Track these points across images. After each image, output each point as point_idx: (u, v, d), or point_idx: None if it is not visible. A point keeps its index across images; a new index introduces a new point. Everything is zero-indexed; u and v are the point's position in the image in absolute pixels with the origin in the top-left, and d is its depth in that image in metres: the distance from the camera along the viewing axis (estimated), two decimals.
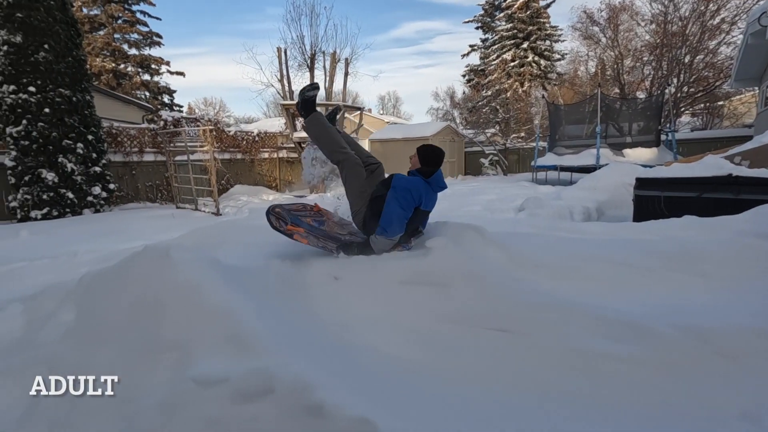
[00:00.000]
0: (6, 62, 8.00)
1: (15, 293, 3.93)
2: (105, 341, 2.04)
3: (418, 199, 2.79)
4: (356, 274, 2.63)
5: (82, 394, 1.88)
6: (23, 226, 6.81)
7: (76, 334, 2.19)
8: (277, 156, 14.85)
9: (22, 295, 3.14)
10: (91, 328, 2.17)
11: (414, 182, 2.82)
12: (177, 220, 7.95)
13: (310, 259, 2.92)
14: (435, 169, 2.97)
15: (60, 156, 8.44)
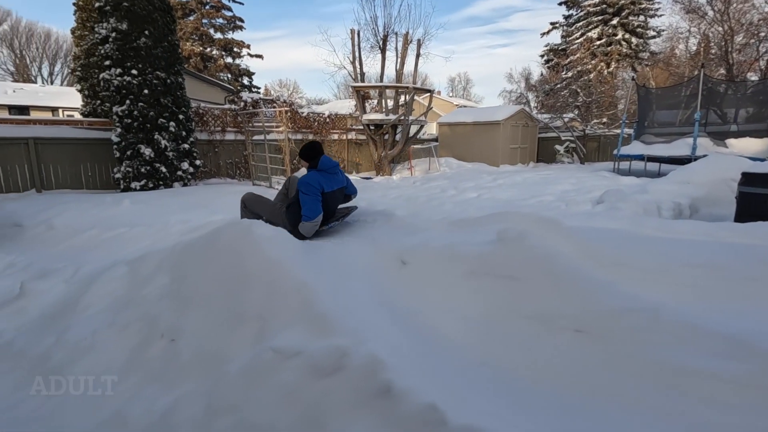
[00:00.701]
0: (114, 47, 8.91)
1: (119, 256, 4.47)
2: (195, 305, 2.25)
3: (317, 184, 3.48)
4: (424, 259, 2.63)
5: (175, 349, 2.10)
6: (125, 196, 7.66)
7: (171, 297, 2.43)
8: (346, 138, 15.16)
9: (124, 258, 3.55)
10: (183, 292, 2.40)
11: (308, 176, 3.56)
12: None
13: (379, 241, 2.97)
14: (316, 159, 3.64)
15: (156, 133, 9.31)
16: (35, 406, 2.02)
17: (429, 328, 2.09)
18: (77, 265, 3.39)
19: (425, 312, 2.22)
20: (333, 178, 3.68)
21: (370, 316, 1.98)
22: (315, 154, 3.67)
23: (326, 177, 3.61)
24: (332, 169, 3.68)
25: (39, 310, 2.92)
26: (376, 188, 9.74)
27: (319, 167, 3.62)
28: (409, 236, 3.25)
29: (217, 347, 1.94)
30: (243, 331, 1.92)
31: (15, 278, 3.31)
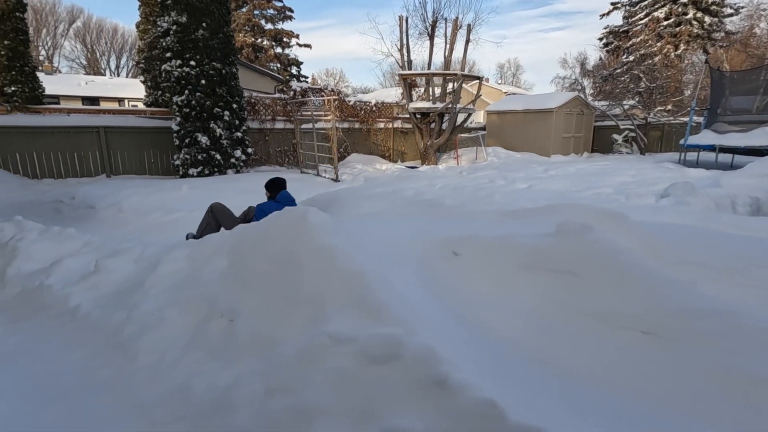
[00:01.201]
0: (174, 40, 9.38)
1: (180, 238, 4.74)
2: (252, 288, 2.33)
3: (270, 212, 3.96)
4: (476, 251, 2.57)
5: (234, 329, 2.19)
6: (184, 182, 8.11)
7: (229, 279, 2.54)
8: (392, 126, 15.11)
9: (186, 241, 3.76)
10: (240, 275, 2.50)
11: (265, 204, 4.15)
12: (302, 183, 8.69)
13: (428, 230, 2.93)
14: (277, 192, 4.31)
15: (211, 122, 9.75)
16: (110, 375, 2.19)
17: (481, 321, 2.04)
18: (144, 246, 3.62)
19: (477, 305, 2.17)
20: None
21: (422, 306, 1.96)
22: (277, 188, 4.37)
23: (280, 208, 4.02)
24: (288, 203, 4.20)
25: (112, 286, 3.15)
26: (422, 177, 9.66)
27: (276, 199, 4.25)
28: (459, 226, 3.19)
29: (272, 329, 2.01)
30: (297, 313, 1.97)
31: (91, 256, 3.60)
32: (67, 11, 39.01)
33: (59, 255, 3.69)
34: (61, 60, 39.40)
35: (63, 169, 9.85)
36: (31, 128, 9.47)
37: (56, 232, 4.08)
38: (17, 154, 9.36)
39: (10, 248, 3.72)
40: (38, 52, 35.38)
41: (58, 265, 3.41)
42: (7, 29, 12.35)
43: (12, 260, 3.58)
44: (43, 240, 3.89)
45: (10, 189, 8.40)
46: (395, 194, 5.85)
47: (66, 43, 39.65)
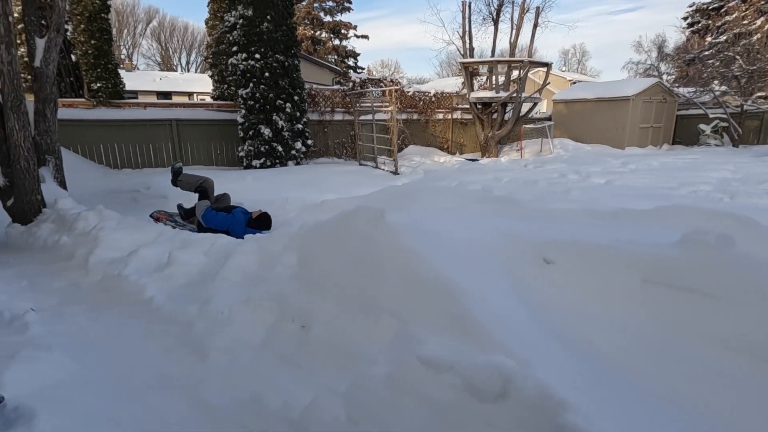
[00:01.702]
0: (240, 34, 9.59)
1: (249, 232, 4.76)
2: (325, 292, 2.16)
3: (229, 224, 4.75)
4: (576, 260, 2.22)
5: (307, 336, 2.03)
6: (248, 173, 8.30)
7: (300, 279, 2.40)
8: (451, 117, 14.62)
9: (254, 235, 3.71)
10: (312, 276, 2.34)
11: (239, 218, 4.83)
12: (361, 176, 8.59)
13: (511, 232, 2.61)
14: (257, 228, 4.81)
15: (274, 114, 9.91)
16: (182, 374, 2.13)
17: (592, 347, 1.72)
18: (213, 238, 3.62)
19: (583, 326, 1.85)
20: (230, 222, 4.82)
21: (523, 326, 1.68)
22: (264, 226, 4.89)
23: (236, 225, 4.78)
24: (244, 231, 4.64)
25: (183, 278, 3.15)
26: (486, 171, 9.19)
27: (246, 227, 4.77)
28: (545, 228, 2.84)
29: (350, 341, 1.82)
30: (378, 326, 1.76)
31: (164, 247, 3.66)
32: (145, 12, 41.96)
33: (136, 245, 3.79)
34: (139, 58, 42.53)
35: (140, 159, 10.48)
36: (113, 121, 10.14)
37: (133, 221, 4.22)
38: (101, 145, 10.07)
39: (93, 237, 3.88)
40: (120, 51, 38.39)
41: (135, 255, 3.49)
42: (93, 29, 13.35)
43: (94, 248, 3.73)
44: (121, 229, 4.03)
45: (95, 177, 9.05)
46: (462, 189, 5.51)
47: (143, 42, 42.71)
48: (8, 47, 4.11)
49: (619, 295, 1.98)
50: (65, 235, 4.12)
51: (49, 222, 4.51)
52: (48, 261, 3.91)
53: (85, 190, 7.97)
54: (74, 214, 4.40)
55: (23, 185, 4.51)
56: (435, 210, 3.46)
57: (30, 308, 2.83)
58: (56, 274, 3.62)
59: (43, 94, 4.88)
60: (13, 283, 3.41)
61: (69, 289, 3.35)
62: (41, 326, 2.55)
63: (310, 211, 5.14)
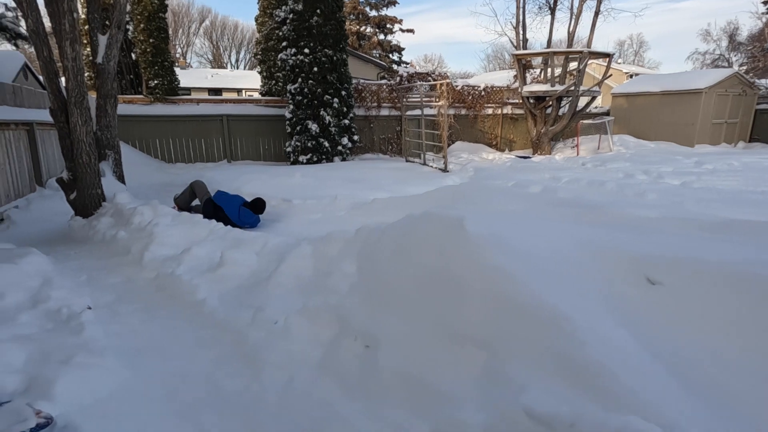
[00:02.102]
0: (290, 28, 9.56)
1: (299, 227, 4.62)
2: (391, 309, 1.92)
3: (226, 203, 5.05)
4: (688, 281, 1.85)
5: (373, 359, 1.80)
6: (296, 169, 8.23)
7: (361, 292, 2.17)
8: (501, 112, 14.01)
9: (308, 234, 3.54)
10: (375, 289, 2.11)
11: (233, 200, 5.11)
12: (409, 173, 8.32)
13: (596, 242, 2.25)
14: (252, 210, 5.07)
15: (321, 110, 9.83)
16: (236, 389, 1.96)
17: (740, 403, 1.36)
18: (265, 238, 3.50)
19: (720, 372, 1.48)
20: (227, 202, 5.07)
21: (649, 370, 1.35)
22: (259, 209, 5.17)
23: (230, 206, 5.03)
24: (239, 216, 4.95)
25: (235, 280, 3.03)
26: (541, 169, 8.64)
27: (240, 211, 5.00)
28: (637, 239, 2.44)
29: (426, 371, 1.56)
30: (462, 358, 1.50)
31: (216, 245, 3.58)
32: (198, 12, 43.67)
33: (188, 242, 3.74)
34: (192, 56, 44.37)
35: (192, 154, 10.77)
36: (168, 117, 10.46)
37: (186, 217, 4.19)
38: (157, 140, 10.43)
39: (147, 233, 3.87)
40: (175, 50, 40.20)
41: (188, 253, 3.42)
42: (152, 29, 13.90)
43: (149, 244, 3.71)
44: (175, 225, 4.00)
45: (151, 171, 9.36)
46: (522, 189, 5.11)
47: (196, 41, 44.51)
48: (72, 43, 4.18)
49: (754, 329, 1.59)
50: (122, 230, 4.15)
51: (107, 216, 4.59)
52: (106, 255, 3.94)
53: (142, 183, 8.24)
54: (131, 209, 4.44)
55: (84, 179, 4.61)
56: (502, 214, 3.13)
57: (87, 306, 2.80)
58: (113, 269, 3.63)
59: (104, 90, 4.98)
60: (73, 277, 3.44)
61: (124, 285, 3.33)
62: (96, 327, 2.49)
63: (361, 211, 4.95)
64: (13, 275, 2.97)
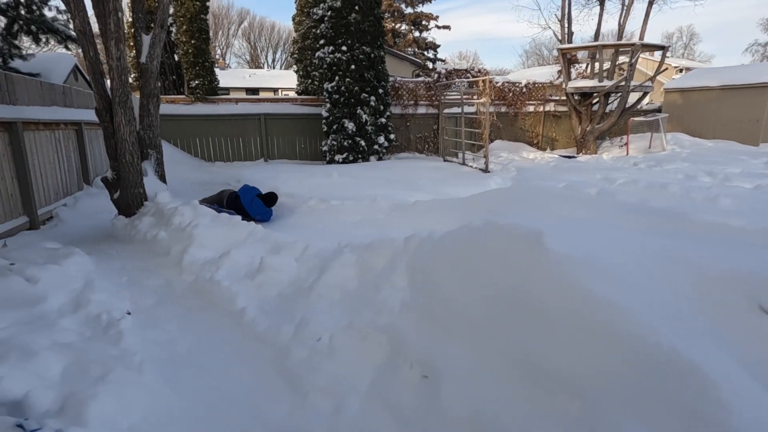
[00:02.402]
0: (328, 26, 9.45)
1: (340, 233, 4.43)
2: (454, 332, 1.68)
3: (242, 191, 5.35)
4: None
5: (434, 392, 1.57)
6: (332, 169, 8.10)
7: (416, 309, 1.94)
8: (543, 109, 13.40)
9: (350, 239, 3.34)
10: (433, 307, 1.87)
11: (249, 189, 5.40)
12: (448, 173, 8.02)
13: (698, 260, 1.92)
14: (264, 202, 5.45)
15: (358, 108, 9.67)
16: (279, 417, 1.78)
17: None
18: (305, 242, 3.33)
19: None
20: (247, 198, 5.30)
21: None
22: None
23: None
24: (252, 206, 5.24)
25: (275, 287, 2.88)
26: (589, 169, 8.11)
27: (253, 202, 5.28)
28: (738, 256, 2.08)
29: (500, 415, 1.31)
30: (545, 402, 1.24)
31: (255, 248, 3.45)
32: (237, 13, 44.76)
33: (227, 245, 3.64)
34: (231, 57, 45.54)
35: (231, 153, 10.89)
36: (208, 116, 10.63)
37: (225, 219, 4.10)
38: (197, 138, 10.61)
39: (187, 234, 3.80)
40: (214, 51, 41.39)
41: (227, 257, 3.30)
42: (193, 30, 14.20)
43: (188, 246, 3.63)
44: (214, 227, 3.91)
45: (191, 169, 9.52)
46: (574, 191, 4.73)
47: (235, 42, 45.65)
48: (117, 43, 4.18)
49: None
50: (162, 230, 4.11)
51: (149, 215, 4.58)
52: (146, 256, 3.91)
53: (183, 180, 8.37)
54: (171, 209, 4.41)
55: (128, 179, 4.63)
56: (574, 224, 2.81)
57: (126, 311, 2.73)
58: (153, 271, 3.58)
59: (147, 90, 4.99)
60: (114, 279, 3.41)
61: (164, 288, 3.26)
62: (134, 335, 2.39)
63: (402, 213, 4.73)
64: (57, 276, 2.95)
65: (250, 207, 5.19)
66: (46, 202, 5.15)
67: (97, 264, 3.70)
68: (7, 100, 4.39)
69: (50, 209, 5.18)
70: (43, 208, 5.00)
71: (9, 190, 4.37)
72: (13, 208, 4.42)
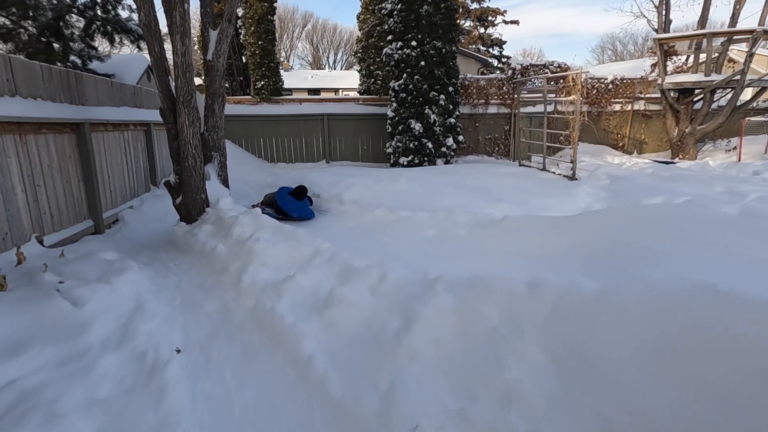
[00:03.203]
0: (397, 20, 8.88)
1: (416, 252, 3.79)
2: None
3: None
4: None
5: None
6: (400, 173, 7.50)
7: (580, 421, 1.25)
8: (630, 108, 11.92)
9: (425, 258, 2.71)
10: (614, 424, 1.18)
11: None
12: (528, 180, 7.12)
13: None
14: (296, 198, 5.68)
15: (426, 107, 9.02)
16: None
17: None
18: (381, 268, 2.76)
19: None
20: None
21: None
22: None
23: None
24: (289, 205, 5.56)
25: (349, 328, 2.32)
26: (701, 179, 6.82)
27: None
28: None
29: None
30: None
31: (322, 273, 2.93)
32: (301, 16, 45.85)
33: (290, 264, 3.16)
34: (294, 59, 46.71)
35: (293, 154, 10.70)
36: (273, 116, 10.51)
37: (288, 232, 3.63)
38: (261, 139, 10.53)
39: (247, 250, 3.37)
40: (279, 53, 42.63)
41: (290, 282, 2.81)
42: (260, 31, 14.31)
43: (248, 265, 3.19)
44: (276, 242, 3.46)
45: (255, 170, 9.39)
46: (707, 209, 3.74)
47: (298, 44, 46.79)
48: (183, 38, 3.87)
49: None
50: (221, 243, 3.73)
51: (209, 224, 4.26)
52: (204, 272, 3.54)
53: (246, 182, 8.21)
54: (232, 218, 4.04)
55: (190, 183, 4.34)
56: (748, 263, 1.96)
57: (176, 349, 2.29)
58: (210, 290, 3.18)
59: (212, 89, 4.69)
60: (168, 299, 3.05)
61: (220, 315, 2.83)
62: (182, 387, 1.92)
63: (489, 232, 4.00)
64: (107, 298, 2.60)
65: (282, 203, 5.53)
66: (112, 205, 5.03)
67: (153, 279, 3.38)
68: (76, 101, 4.25)
69: (116, 212, 5.06)
70: (108, 212, 4.87)
71: (75, 193, 4.23)
72: (78, 212, 4.27)
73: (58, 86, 3.97)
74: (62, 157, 4.02)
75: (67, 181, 4.10)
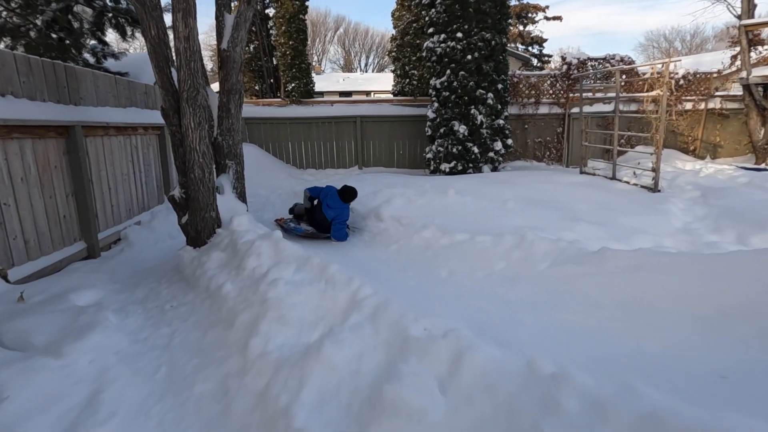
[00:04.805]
0: (441, 10, 7.89)
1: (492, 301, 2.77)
2: None
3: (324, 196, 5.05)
4: None
5: None
6: (447, 182, 6.47)
7: None
8: (704, 107, 10.42)
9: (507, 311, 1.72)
10: None
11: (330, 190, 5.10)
12: (601, 191, 5.95)
13: None
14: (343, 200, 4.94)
15: (472, 107, 7.98)
16: None
17: None
18: (453, 341, 1.78)
19: None
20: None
21: None
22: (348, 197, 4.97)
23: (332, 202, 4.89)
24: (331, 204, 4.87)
25: None
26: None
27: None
28: None
29: None
30: None
31: (361, 340, 1.99)
32: (334, 20, 45.54)
33: (318, 320, 2.25)
34: (326, 62, 46.46)
35: (323, 159, 9.90)
36: (302, 119, 9.74)
37: (317, 269, 2.71)
38: (289, 143, 9.79)
39: (261, 296, 2.47)
40: (312, 58, 42.46)
41: (316, 358, 1.88)
42: (291, 30, 13.66)
43: (260, 319, 2.30)
44: (300, 283, 2.55)
45: (282, 177, 8.62)
46: None
47: (330, 48, 46.51)
48: (185, 16, 3.04)
49: None
50: (230, 280, 2.86)
51: (219, 249, 3.41)
52: (205, 321, 2.67)
53: (272, 190, 7.43)
54: (247, 242, 3.18)
55: (197, 199, 3.52)
56: None
57: None
58: (207, 356, 2.30)
59: (228, 84, 3.88)
60: (150, 369, 2.20)
61: (215, 403, 1.93)
62: None
63: (584, 270, 2.93)
64: (46, 386, 1.76)
65: (327, 198, 4.98)
66: (114, 222, 4.29)
67: (138, 333, 2.55)
68: (65, 99, 3.52)
69: (118, 229, 4.32)
70: (108, 230, 4.13)
71: (62, 211, 3.48)
72: (66, 233, 3.53)
73: (40, 81, 3.24)
74: (44, 167, 3.28)
75: (51, 196, 3.35)
